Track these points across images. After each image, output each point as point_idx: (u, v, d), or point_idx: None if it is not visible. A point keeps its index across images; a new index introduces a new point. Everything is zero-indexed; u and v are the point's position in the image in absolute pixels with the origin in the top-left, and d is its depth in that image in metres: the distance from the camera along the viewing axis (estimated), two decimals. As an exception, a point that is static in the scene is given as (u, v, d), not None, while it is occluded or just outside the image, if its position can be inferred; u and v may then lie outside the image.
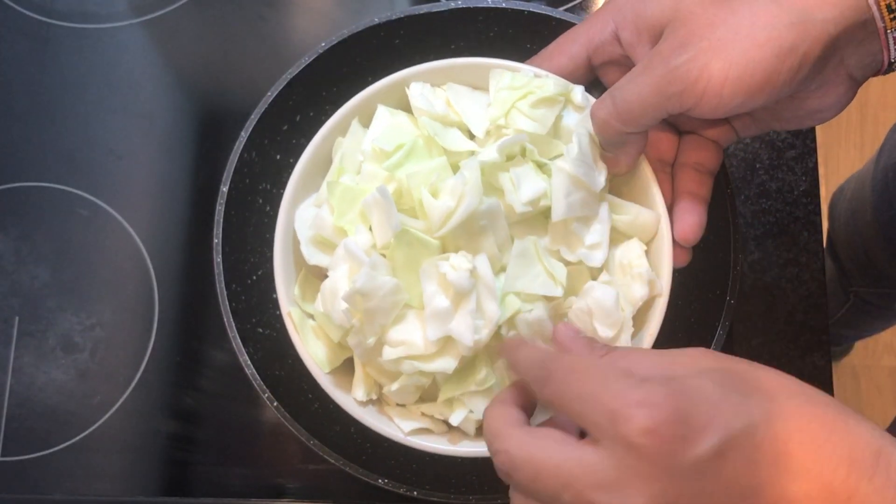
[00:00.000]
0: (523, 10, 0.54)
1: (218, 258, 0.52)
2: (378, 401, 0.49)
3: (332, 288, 0.45)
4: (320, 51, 0.54)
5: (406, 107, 0.50)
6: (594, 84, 0.50)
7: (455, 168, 0.46)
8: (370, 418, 0.47)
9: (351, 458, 0.50)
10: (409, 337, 0.44)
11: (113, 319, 0.62)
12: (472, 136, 0.49)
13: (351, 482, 0.53)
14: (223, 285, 0.52)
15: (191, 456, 0.60)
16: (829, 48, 0.40)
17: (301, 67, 0.54)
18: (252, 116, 0.54)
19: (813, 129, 0.63)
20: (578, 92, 0.48)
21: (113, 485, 0.60)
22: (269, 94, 0.54)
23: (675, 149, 0.49)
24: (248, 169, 0.54)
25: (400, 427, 0.48)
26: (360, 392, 0.48)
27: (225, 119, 0.67)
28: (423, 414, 0.48)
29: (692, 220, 0.47)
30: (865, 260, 0.87)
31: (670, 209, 0.48)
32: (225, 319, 0.51)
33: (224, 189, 0.53)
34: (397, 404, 0.49)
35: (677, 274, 0.48)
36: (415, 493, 0.50)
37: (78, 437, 0.60)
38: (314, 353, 0.48)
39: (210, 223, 0.53)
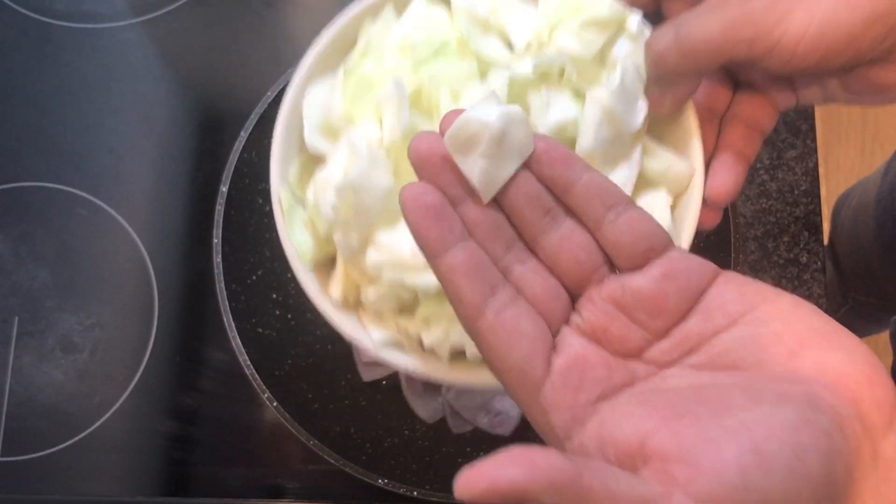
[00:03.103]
0: (523, 10, 0.54)
1: (218, 258, 0.52)
2: (353, 304, 0.46)
3: (326, 177, 0.42)
4: (320, 50, 0.54)
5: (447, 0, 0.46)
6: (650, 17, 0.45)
7: (485, 77, 0.43)
8: (342, 323, 0.44)
9: (351, 458, 0.50)
10: (397, 244, 0.41)
11: (113, 319, 0.62)
12: (511, 48, 0.45)
13: (351, 482, 0.53)
14: (223, 285, 0.52)
15: (191, 456, 0.60)
16: None
17: (301, 67, 0.54)
18: (252, 116, 0.54)
19: (813, 129, 0.63)
20: (635, 20, 0.43)
21: (113, 485, 0.60)
22: (268, 93, 0.54)
23: (729, 100, 0.45)
24: (248, 169, 0.54)
25: (371, 336, 0.44)
26: (336, 291, 0.44)
27: (225, 119, 0.67)
28: (398, 327, 0.45)
29: (729, 179, 0.42)
30: (865, 271, 0.86)
31: (708, 163, 0.44)
32: (225, 319, 0.51)
33: (224, 189, 0.53)
34: (373, 311, 0.45)
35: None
36: (415, 493, 0.50)
37: (78, 437, 0.60)
38: (298, 242, 0.44)
39: (210, 223, 0.53)
